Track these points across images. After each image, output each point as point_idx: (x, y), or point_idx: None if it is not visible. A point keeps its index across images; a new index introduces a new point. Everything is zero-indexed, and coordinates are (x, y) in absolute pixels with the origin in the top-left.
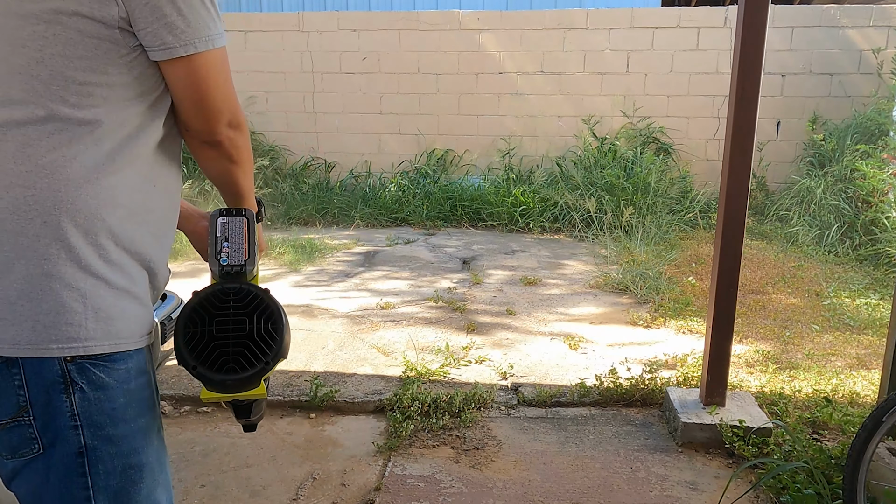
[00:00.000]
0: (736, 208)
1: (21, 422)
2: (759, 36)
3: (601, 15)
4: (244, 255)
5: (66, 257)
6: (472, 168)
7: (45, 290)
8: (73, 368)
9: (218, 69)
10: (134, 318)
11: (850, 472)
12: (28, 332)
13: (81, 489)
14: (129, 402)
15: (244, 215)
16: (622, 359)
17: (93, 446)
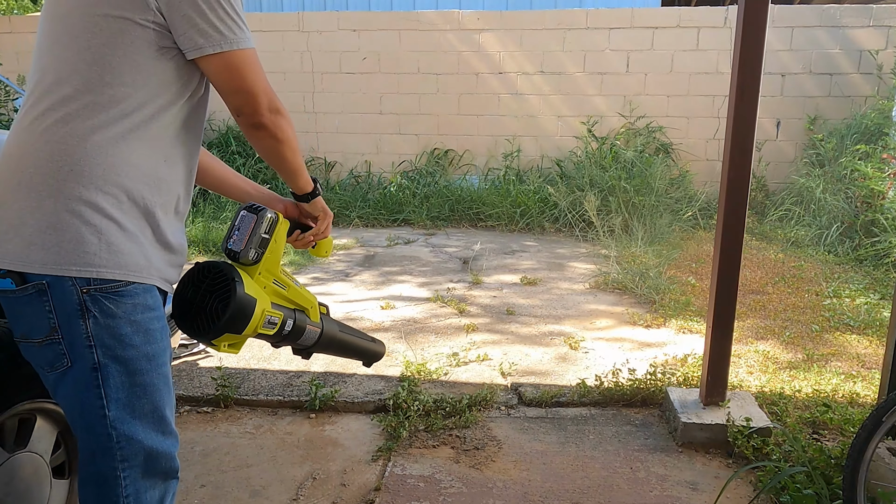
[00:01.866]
0: (736, 208)
1: (53, 340)
2: (759, 36)
3: (601, 15)
4: (243, 245)
5: (87, 200)
6: (471, 168)
7: (69, 224)
8: (88, 298)
9: (247, 64)
10: (141, 257)
11: (849, 473)
12: (54, 256)
13: (97, 398)
14: (136, 331)
15: (257, 214)
16: (622, 359)
17: (104, 363)
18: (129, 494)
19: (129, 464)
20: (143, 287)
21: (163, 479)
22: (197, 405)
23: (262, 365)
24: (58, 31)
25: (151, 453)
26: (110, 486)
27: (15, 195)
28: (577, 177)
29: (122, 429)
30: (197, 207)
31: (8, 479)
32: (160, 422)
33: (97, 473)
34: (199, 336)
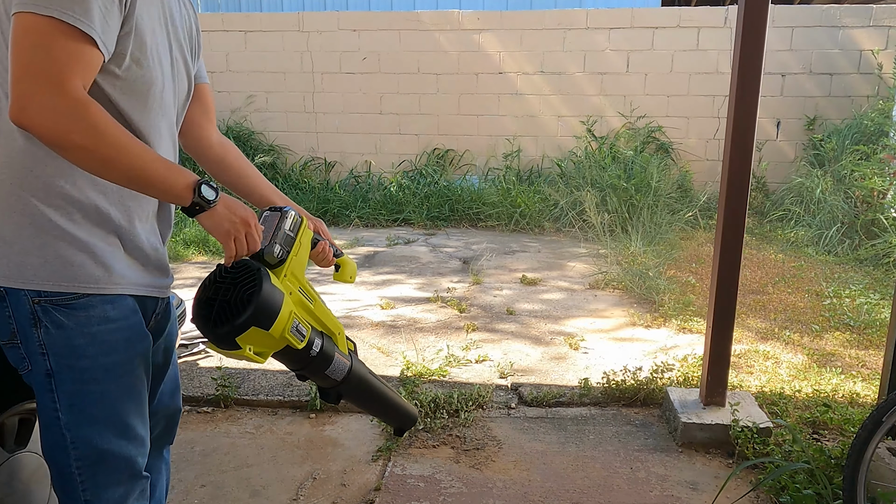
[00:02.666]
0: (736, 208)
1: (14, 344)
2: (759, 36)
3: (601, 15)
4: (268, 240)
5: (33, 212)
6: (471, 168)
7: (16, 236)
8: (39, 309)
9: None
10: (97, 268)
11: (850, 472)
12: (3, 269)
13: (51, 402)
14: (90, 342)
15: (281, 211)
16: (622, 359)
17: (56, 370)
18: (86, 489)
19: (83, 463)
20: (100, 298)
21: (125, 478)
22: (197, 405)
23: (261, 365)
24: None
25: (107, 456)
26: (69, 480)
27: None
28: (576, 177)
29: (75, 432)
30: None
31: (8, 479)
32: (121, 427)
33: (56, 468)
34: (222, 337)
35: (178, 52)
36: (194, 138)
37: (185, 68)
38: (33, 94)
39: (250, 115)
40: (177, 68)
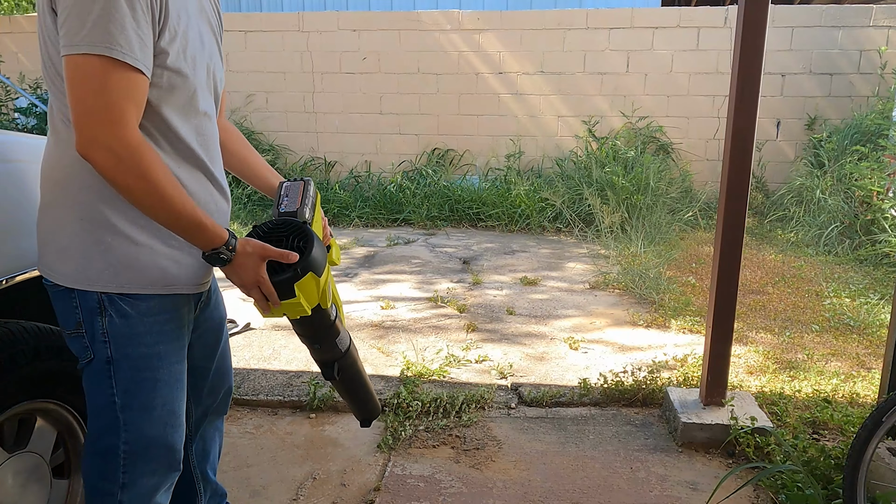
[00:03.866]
0: (736, 208)
1: (79, 333)
2: (759, 36)
3: (601, 15)
4: (297, 204)
5: (100, 218)
6: (471, 168)
7: (83, 241)
8: (105, 299)
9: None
10: (154, 270)
11: (849, 472)
12: (72, 271)
13: (108, 387)
14: (148, 331)
15: (303, 181)
16: (622, 359)
17: (116, 358)
18: (126, 472)
19: (130, 447)
20: (154, 294)
21: (164, 468)
22: None
23: (262, 365)
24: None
25: (154, 442)
26: (112, 462)
27: (47, 209)
28: (577, 177)
29: (128, 416)
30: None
31: (8, 479)
32: (167, 415)
33: (103, 449)
34: (283, 283)
35: (209, 38)
36: None
37: (217, 57)
38: (96, 136)
39: (250, 115)
40: (213, 60)
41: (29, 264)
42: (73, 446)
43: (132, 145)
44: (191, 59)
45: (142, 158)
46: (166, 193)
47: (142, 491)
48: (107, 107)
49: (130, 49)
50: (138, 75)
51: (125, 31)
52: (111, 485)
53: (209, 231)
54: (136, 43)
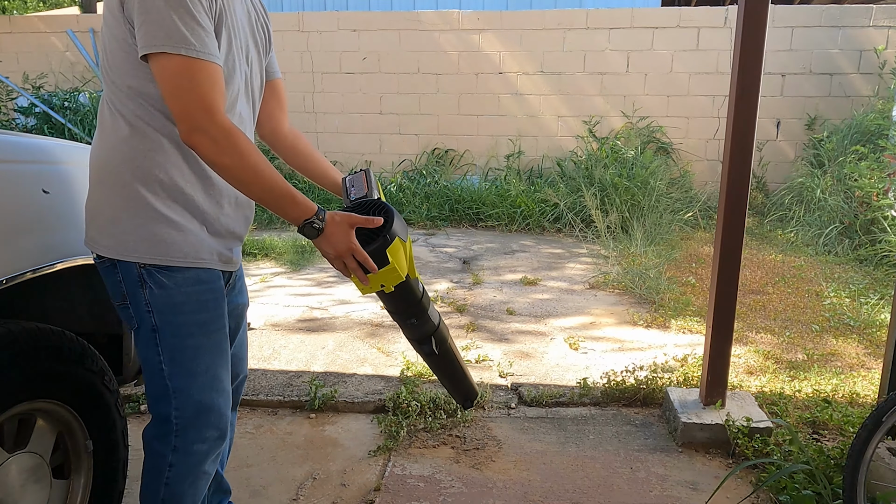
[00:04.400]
0: (736, 208)
1: (125, 304)
2: (759, 36)
3: (601, 15)
4: (365, 189)
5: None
6: (471, 168)
7: (124, 218)
8: (145, 272)
9: (173, 72)
10: (186, 245)
11: (849, 472)
12: (114, 244)
13: (156, 355)
14: (187, 300)
15: (364, 172)
16: (622, 359)
17: (160, 326)
18: (178, 437)
19: (181, 412)
20: (190, 266)
21: (213, 434)
22: None
23: (261, 365)
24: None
25: (202, 407)
26: (166, 427)
27: (94, 188)
28: (577, 177)
29: (175, 382)
30: None
31: (8, 479)
32: (212, 380)
33: (158, 415)
34: (376, 251)
35: (253, 48)
36: (270, 130)
37: (258, 65)
38: (196, 125)
39: None
40: (252, 64)
41: (28, 265)
42: (73, 446)
43: (226, 128)
44: (234, 66)
45: (237, 140)
46: (260, 169)
47: (191, 458)
48: (200, 98)
49: (204, 46)
50: (215, 66)
51: (196, 30)
52: (164, 447)
53: (300, 203)
54: (207, 39)
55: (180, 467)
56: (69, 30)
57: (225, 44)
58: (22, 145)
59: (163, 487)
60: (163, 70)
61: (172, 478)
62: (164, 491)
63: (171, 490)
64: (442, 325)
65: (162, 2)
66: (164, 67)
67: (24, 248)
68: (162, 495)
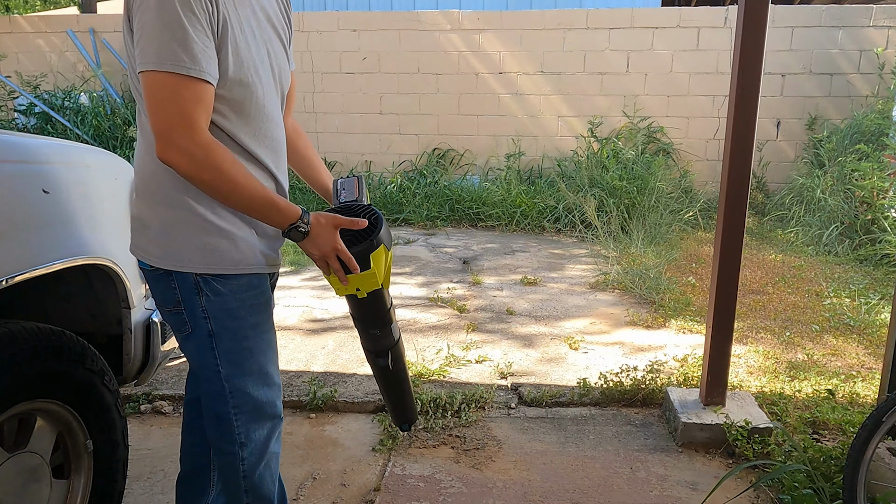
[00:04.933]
0: (736, 208)
1: (178, 310)
2: (759, 36)
3: (601, 15)
4: (356, 195)
5: (189, 207)
6: (472, 168)
7: (176, 229)
8: (201, 280)
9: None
10: (236, 252)
11: (849, 472)
12: (166, 254)
13: (212, 358)
14: (241, 305)
15: (356, 177)
16: (622, 359)
17: (216, 331)
18: (240, 432)
19: (239, 409)
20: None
21: (269, 420)
22: None
23: None
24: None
25: (258, 402)
26: (227, 424)
27: (143, 199)
28: (577, 177)
29: (233, 382)
30: None
31: (8, 479)
32: (264, 377)
33: (216, 415)
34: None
35: (276, 44)
36: None
37: (283, 60)
38: (172, 141)
39: None
40: (276, 63)
41: (28, 265)
42: (73, 446)
43: (203, 144)
44: (254, 68)
45: (214, 155)
46: (239, 182)
47: (257, 445)
48: (179, 115)
49: (195, 62)
50: (204, 84)
51: (188, 47)
52: (231, 445)
53: (283, 209)
54: (199, 55)
55: (251, 458)
56: (69, 30)
57: (232, 53)
58: (22, 145)
59: (242, 480)
60: (149, 86)
61: (248, 468)
62: (244, 483)
63: (249, 480)
64: (401, 343)
65: (157, 19)
66: (151, 83)
67: (23, 248)
68: (244, 486)
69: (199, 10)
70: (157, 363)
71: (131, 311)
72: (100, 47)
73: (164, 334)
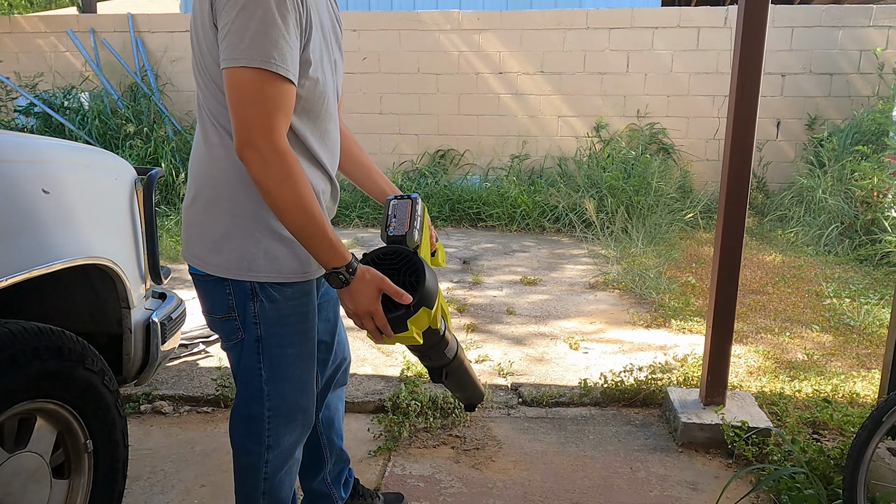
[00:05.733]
0: (736, 208)
1: (230, 317)
2: (759, 36)
3: (601, 15)
4: (406, 228)
5: (250, 215)
6: (472, 168)
7: (236, 237)
8: (257, 286)
9: (236, 85)
10: (294, 261)
11: (849, 473)
12: (225, 262)
13: (257, 362)
14: (291, 313)
15: (410, 199)
16: (622, 359)
17: (265, 337)
18: (270, 435)
19: (273, 413)
20: (296, 281)
21: (300, 426)
22: (197, 405)
23: None
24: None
25: (292, 407)
26: (258, 425)
27: (202, 205)
28: (577, 177)
29: (272, 386)
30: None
31: (8, 479)
32: (302, 384)
33: (249, 415)
34: (396, 321)
35: (336, 49)
36: None
37: (340, 61)
38: (251, 140)
39: None
40: (337, 67)
41: (28, 265)
42: (73, 446)
43: (279, 150)
44: (326, 68)
45: (287, 165)
46: (303, 202)
47: (284, 449)
48: (261, 115)
49: (283, 61)
50: (289, 85)
51: (278, 44)
52: (258, 446)
53: (334, 247)
54: (287, 55)
55: (275, 461)
56: (69, 30)
57: (318, 47)
58: (22, 145)
59: (262, 482)
60: (234, 81)
61: (270, 471)
62: (263, 485)
63: (269, 483)
64: (458, 355)
65: (251, 17)
66: (237, 79)
67: (23, 248)
68: (262, 489)
69: (292, 11)
70: (157, 363)
71: (131, 311)
72: (100, 47)
73: (164, 334)
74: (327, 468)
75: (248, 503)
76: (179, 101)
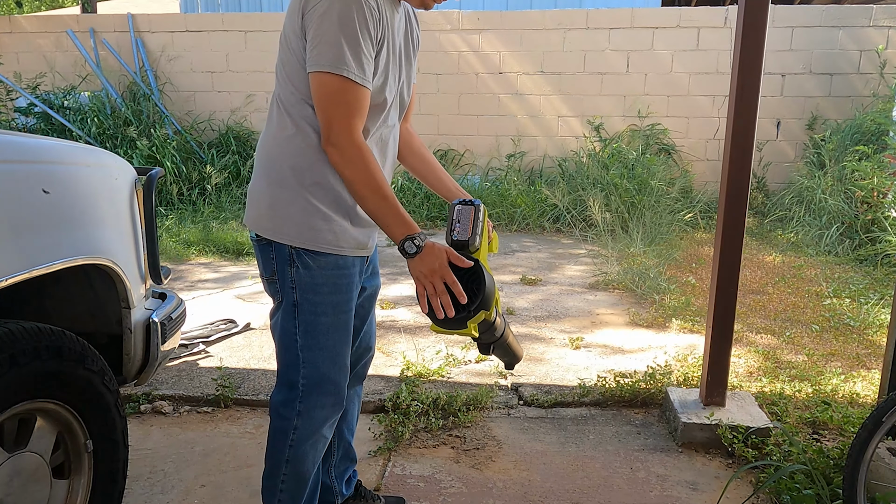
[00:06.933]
0: (736, 208)
1: (273, 280)
2: (759, 36)
3: (601, 15)
4: (469, 233)
5: (296, 189)
6: (472, 168)
7: (284, 207)
8: (294, 253)
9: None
10: (330, 234)
11: (849, 473)
12: (273, 226)
13: (293, 326)
14: (325, 282)
15: (474, 205)
16: (622, 359)
17: (300, 302)
18: (302, 402)
19: (307, 381)
20: (332, 253)
21: (331, 403)
22: (197, 405)
23: (261, 365)
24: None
25: (325, 378)
26: (293, 393)
27: (259, 176)
28: (577, 177)
29: (306, 353)
30: (196, 206)
31: (8, 479)
32: (335, 355)
33: (288, 381)
34: (455, 321)
35: (404, 58)
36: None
37: (410, 76)
38: (334, 137)
39: (250, 115)
40: (407, 80)
41: (28, 265)
42: (73, 446)
43: (357, 145)
44: (391, 82)
45: (363, 157)
46: (377, 184)
47: (313, 421)
48: (342, 116)
49: (361, 71)
50: (364, 90)
51: (359, 56)
52: (290, 411)
53: (406, 221)
54: (366, 66)
55: (303, 430)
56: (69, 30)
57: (383, 63)
58: (22, 145)
59: (288, 448)
60: (321, 85)
61: (297, 439)
62: (288, 452)
63: (294, 451)
64: (505, 332)
65: (339, 31)
66: (324, 83)
67: (23, 248)
68: (287, 455)
69: (373, 28)
70: (157, 363)
71: (131, 311)
72: (100, 47)
73: (165, 334)
74: (334, 459)
75: (273, 468)
76: (179, 101)
